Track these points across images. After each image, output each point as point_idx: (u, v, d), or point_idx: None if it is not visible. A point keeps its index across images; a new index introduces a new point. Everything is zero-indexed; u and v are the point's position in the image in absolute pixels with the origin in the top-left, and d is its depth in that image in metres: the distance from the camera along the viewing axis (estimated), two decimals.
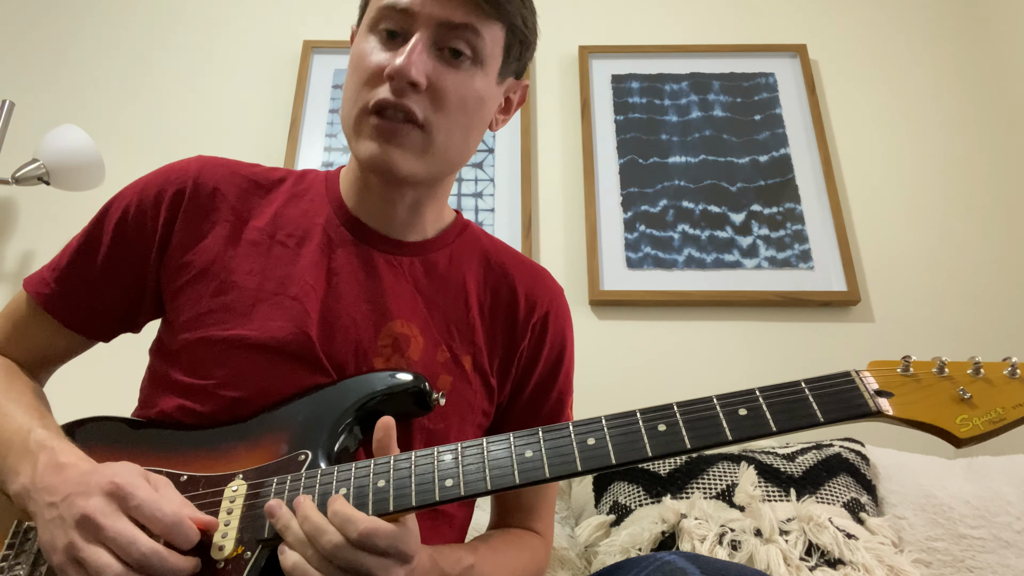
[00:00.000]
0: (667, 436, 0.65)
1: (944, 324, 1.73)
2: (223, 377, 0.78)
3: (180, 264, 0.84)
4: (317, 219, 0.88)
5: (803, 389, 0.66)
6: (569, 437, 0.67)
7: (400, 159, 0.80)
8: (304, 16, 2.11)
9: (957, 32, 2.07)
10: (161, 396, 0.81)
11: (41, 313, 0.86)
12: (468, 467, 0.67)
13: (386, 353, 0.83)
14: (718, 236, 1.79)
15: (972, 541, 1.19)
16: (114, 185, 1.79)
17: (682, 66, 2.02)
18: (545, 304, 0.94)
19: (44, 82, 2.00)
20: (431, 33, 0.79)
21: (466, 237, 0.96)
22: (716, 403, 0.66)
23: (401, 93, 0.78)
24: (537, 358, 0.93)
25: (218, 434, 0.77)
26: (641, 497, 1.24)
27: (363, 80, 0.81)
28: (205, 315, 0.81)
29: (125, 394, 0.95)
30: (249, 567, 0.65)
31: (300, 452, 0.73)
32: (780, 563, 1.04)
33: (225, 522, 0.68)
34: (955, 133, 1.95)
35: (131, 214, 0.86)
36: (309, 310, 0.81)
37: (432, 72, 0.79)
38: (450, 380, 0.85)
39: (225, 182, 0.88)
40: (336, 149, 1.91)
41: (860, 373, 0.67)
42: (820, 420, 0.64)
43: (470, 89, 0.82)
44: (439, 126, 0.81)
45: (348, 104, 0.83)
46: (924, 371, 0.66)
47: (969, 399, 0.63)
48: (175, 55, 2.06)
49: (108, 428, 0.81)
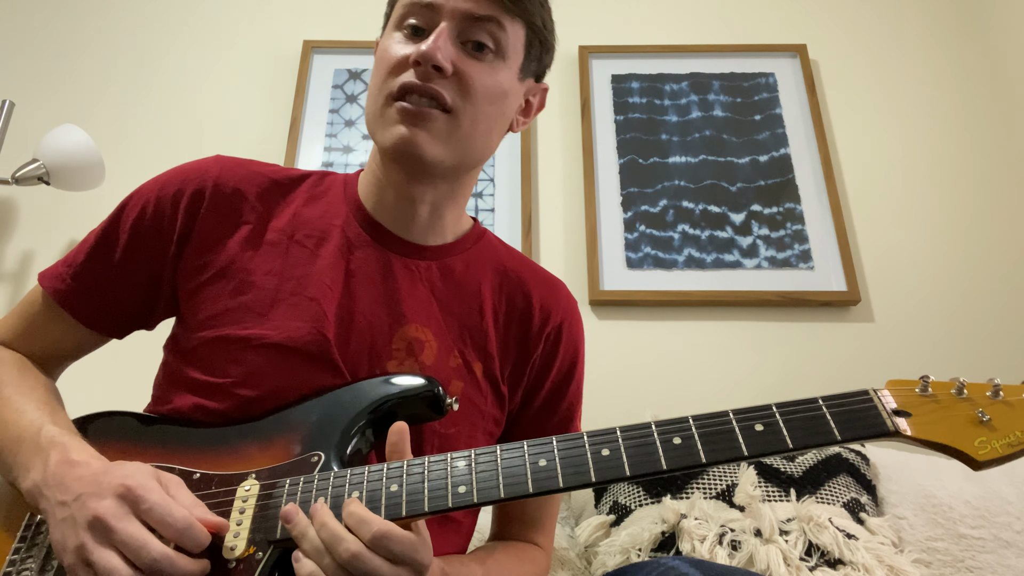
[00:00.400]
0: (682, 450, 0.65)
1: (944, 324, 1.73)
2: (239, 376, 0.78)
3: (199, 263, 0.84)
4: (335, 220, 0.88)
5: (820, 406, 0.66)
6: (583, 447, 0.67)
7: (426, 142, 0.80)
8: (304, 16, 2.11)
9: (957, 32, 2.07)
10: (176, 393, 0.81)
11: (56, 309, 0.86)
12: (481, 474, 0.66)
13: (400, 356, 0.83)
14: (718, 236, 1.79)
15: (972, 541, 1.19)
16: (114, 185, 1.81)
17: (682, 66, 2.02)
18: (559, 315, 0.94)
19: (44, 82, 2.00)
20: (455, 25, 0.81)
21: (483, 244, 0.96)
22: (732, 418, 0.66)
23: (427, 77, 0.79)
24: (549, 368, 0.93)
25: (231, 432, 0.77)
26: (641, 497, 1.24)
27: (387, 70, 0.82)
28: (223, 314, 0.81)
29: (137, 389, 0.95)
30: (261, 568, 0.65)
31: (313, 453, 0.73)
32: (780, 563, 1.04)
33: (237, 522, 0.68)
34: (955, 133, 1.95)
35: (149, 212, 0.86)
36: (326, 311, 0.81)
37: (457, 59, 0.80)
38: (461, 386, 0.85)
39: (245, 182, 0.88)
40: (336, 149, 1.91)
41: (878, 392, 0.66)
42: (837, 438, 0.64)
43: (494, 80, 0.83)
44: (465, 112, 0.81)
45: (372, 97, 0.84)
46: (943, 392, 0.66)
47: (988, 421, 0.63)
48: (175, 55, 2.06)
49: (120, 424, 0.81)
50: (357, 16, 2.10)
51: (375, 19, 2.09)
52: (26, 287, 1.76)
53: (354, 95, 1.98)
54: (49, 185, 1.71)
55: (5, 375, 0.82)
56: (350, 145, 1.92)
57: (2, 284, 1.78)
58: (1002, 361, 1.69)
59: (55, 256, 1.76)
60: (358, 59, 2.03)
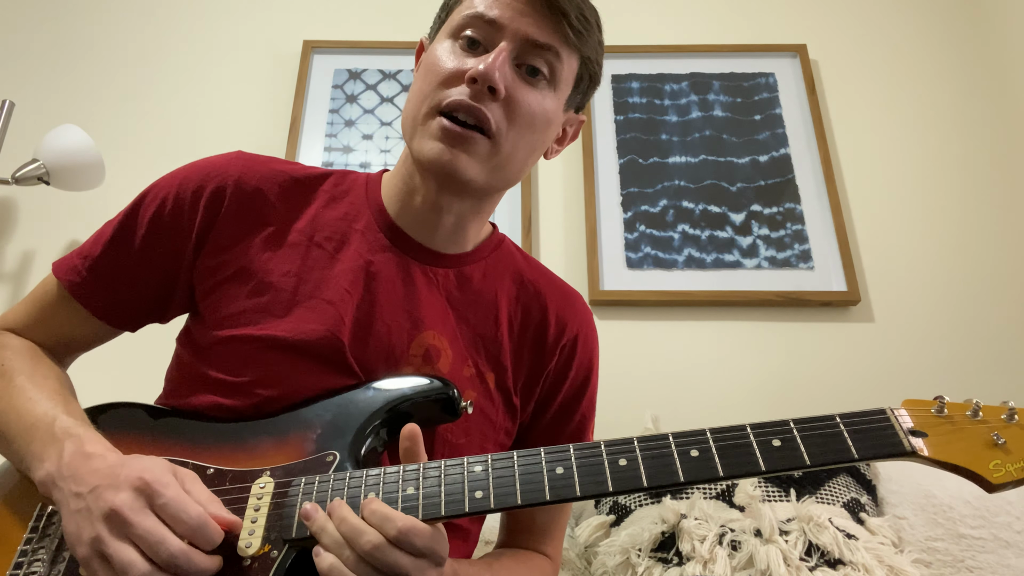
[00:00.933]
0: (699, 462, 0.65)
1: (944, 324, 1.73)
2: (256, 375, 0.78)
3: (217, 262, 0.84)
4: (356, 224, 0.88)
5: (838, 424, 0.66)
6: (600, 456, 0.67)
7: (465, 164, 0.80)
8: (304, 16, 2.11)
9: (957, 32, 2.07)
10: (193, 390, 0.81)
11: (70, 300, 0.85)
12: (499, 479, 0.66)
13: (416, 363, 0.83)
14: (718, 236, 1.79)
15: (972, 541, 1.19)
16: (114, 185, 1.81)
17: (682, 66, 2.02)
18: (575, 327, 0.94)
19: (44, 82, 2.00)
20: (516, 47, 0.80)
21: (501, 252, 0.95)
22: (750, 432, 0.66)
23: (480, 97, 0.78)
24: (563, 380, 0.93)
25: (245, 428, 0.77)
26: (641, 497, 1.24)
27: (438, 80, 0.81)
28: (240, 314, 0.81)
29: (147, 379, 0.95)
30: (276, 566, 0.65)
31: (328, 452, 0.73)
32: (780, 563, 1.04)
33: (252, 519, 0.68)
34: (955, 133, 1.95)
35: (168, 207, 0.85)
36: (343, 315, 0.81)
37: (511, 83, 0.80)
38: (474, 396, 0.85)
39: (267, 181, 0.87)
40: (336, 149, 1.91)
41: (895, 411, 0.66)
42: (855, 456, 0.64)
43: (541, 107, 0.83)
44: (508, 137, 0.81)
45: (415, 102, 0.83)
46: (958, 413, 0.66)
47: (1003, 444, 0.63)
48: (175, 55, 2.06)
49: (133, 415, 0.81)
50: (357, 16, 2.10)
51: (375, 19, 2.10)
52: (26, 287, 1.76)
53: (354, 95, 1.98)
54: (49, 185, 1.71)
55: (18, 364, 0.81)
56: (350, 145, 1.92)
57: (2, 284, 1.78)
58: (1002, 361, 1.69)
59: (55, 256, 1.76)
60: (358, 59, 2.03)
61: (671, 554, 1.11)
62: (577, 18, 0.81)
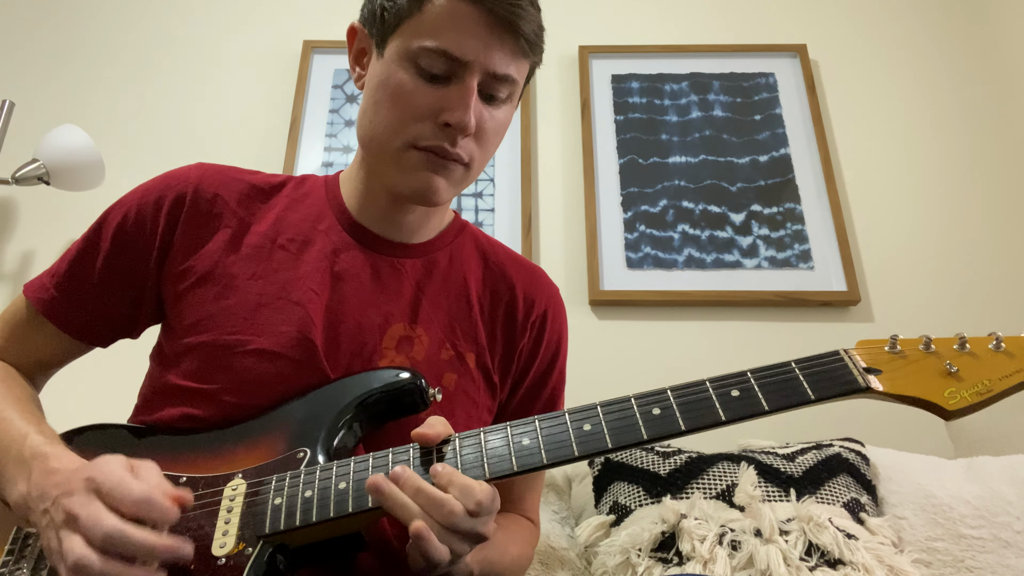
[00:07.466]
0: (662, 419, 0.67)
1: (944, 324, 1.72)
2: (225, 382, 0.79)
3: (181, 270, 0.85)
4: (319, 224, 0.89)
5: (793, 369, 0.68)
6: (565, 424, 0.69)
7: (443, 189, 0.83)
8: (304, 16, 2.11)
9: (957, 32, 2.07)
10: (162, 402, 0.81)
11: (40, 319, 0.86)
12: (466, 458, 0.69)
13: (390, 356, 0.84)
14: (718, 236, 1.79)
15: (972, 541, 1.18)
16: (114, 185, 1.81)
17: (682, 66, 2.02)
18: (543, 303, 0.97)
19: (44, 82, 2.00)
20: (480, 80, 0.81)
21: (464, 237, 0.97)
22: (709, 386, 0.69)
23: (455, 140, 0.81)
24: (535, 355, 0.95)
25: (217, 437, 0.78)
26: (641, 497, 1.24)
27: (408, 116, 0.80)
28: (206, 320, 0.81)
29: (120, 397, 0.95)
30: (251, 562, 0.66)
31: (299, 450, 0.74)
32: (780, 563, 1.04)
33: (225, 520, 0.69)
34: (955, 133, 1.95)
35: (131, 221, 0.86)
36: (312, 315, 0.82)
37: (479, 116, 0.81)
38: (455, 378, 0.86)
39: (226, 188, 0.89)
40: (336, 149, 1.91)
41: (849, 352, 0.68)
42: (811, 398, 0.66)
43: (503, 124, 0.86)
44: (479, 161, 0.85)
45: (386, 132, 0.82)
46: (911, 348, 0.67)
47: (956, 372, 0.65)
48: (175, 55, 2.06)
49: (107, 435, 0.81)
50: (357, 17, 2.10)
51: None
52: None
53: (354, 95, 1.98)
54: (49, 185, 1.71)
55: None
56: (350, 145, 1.92)
57: (2, 284, 1.78)
58: None
59: (55, 256, 1.76)
60: None
61: (671, 554, 1.11)
62: (531, 30, 0.81)
